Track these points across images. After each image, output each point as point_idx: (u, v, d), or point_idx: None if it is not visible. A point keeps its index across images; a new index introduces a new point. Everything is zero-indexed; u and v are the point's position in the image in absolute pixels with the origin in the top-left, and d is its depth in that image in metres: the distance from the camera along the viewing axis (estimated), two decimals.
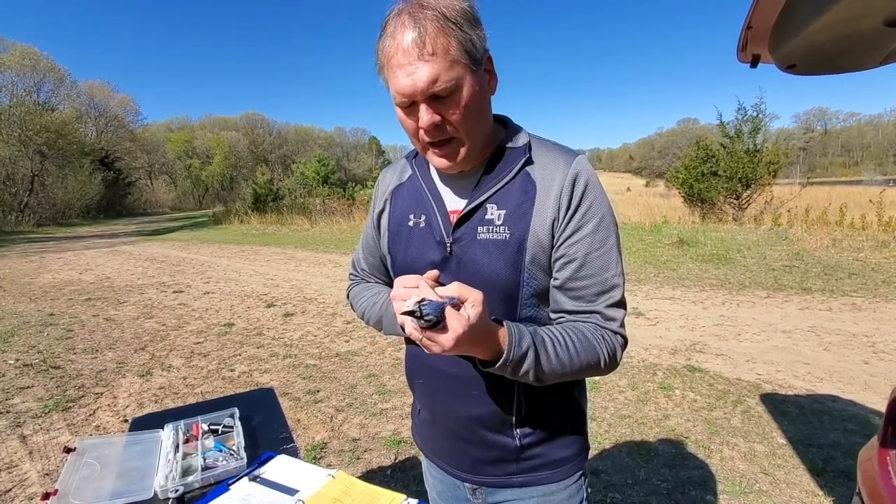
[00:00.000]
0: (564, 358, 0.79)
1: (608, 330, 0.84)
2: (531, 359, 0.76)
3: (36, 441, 2.99)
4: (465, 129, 0.80)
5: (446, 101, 0.76)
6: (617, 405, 3.27)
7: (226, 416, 1.32)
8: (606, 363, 0.83)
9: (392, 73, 0.76)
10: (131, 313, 6.09)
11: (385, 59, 0.77)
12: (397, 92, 0.77)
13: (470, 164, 0.87)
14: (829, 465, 2.52)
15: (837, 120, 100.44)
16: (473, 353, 0.73)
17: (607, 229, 0.84)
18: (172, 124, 63.15)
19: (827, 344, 4.23)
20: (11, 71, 28.37)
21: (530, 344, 0.76)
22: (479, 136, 0.83)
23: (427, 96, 0.75)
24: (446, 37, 0.73)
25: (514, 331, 0.76)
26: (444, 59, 0.73)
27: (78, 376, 4.02)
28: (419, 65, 0.73)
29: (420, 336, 0.69)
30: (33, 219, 23.78)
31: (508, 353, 0.74)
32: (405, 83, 0.74)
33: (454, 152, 0.82)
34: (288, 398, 3.53)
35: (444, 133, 0.80)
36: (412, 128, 0.81)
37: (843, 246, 8.26)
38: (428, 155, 0.85)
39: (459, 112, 0.77)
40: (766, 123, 12.98)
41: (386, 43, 0.76)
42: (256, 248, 12.30)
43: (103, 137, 37.23)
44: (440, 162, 0.84)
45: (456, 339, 0.66)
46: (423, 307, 0.65)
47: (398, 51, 0.74)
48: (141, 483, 1.06)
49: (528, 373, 0.77)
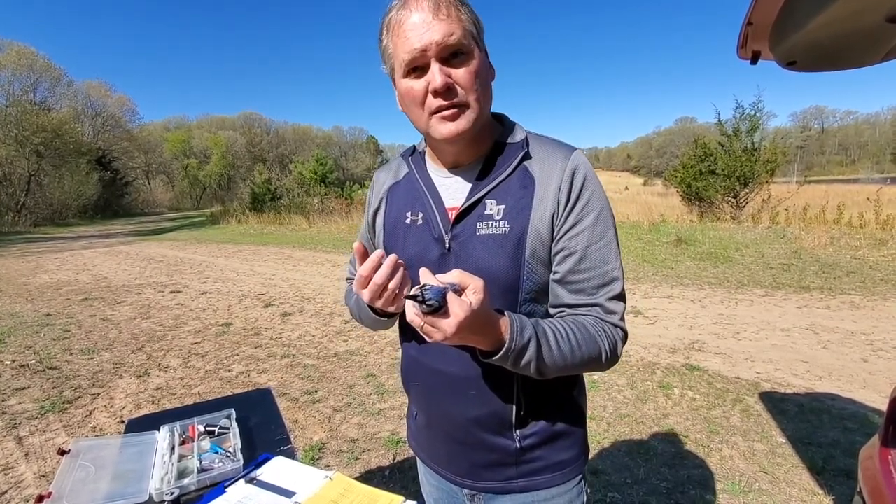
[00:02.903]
0: (566, 350, 0.78)
1: (608, 323, 0.83)
2: (533, 349, 0.75)
3: (32, 442, 2.97)
4: (475, 96, 0.80)
5: (457, 63, 0.78)
6: (616, 404, 3.27)
7: (222, 417, 1.31)
8: (607, 357, 0.83)
9: (402, 37, 0.76)
10: (128, 313, 6.07)
11: (394, 28, 0.78)
12: (407, 51, 0.76)
13: (468, 149, 0.87)
14: (828, 463, 2.52)
15: (835, 118, 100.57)
16: (474, 342, 0.72)
17: (606, 222, 0.84)
18: (170, 124, 62.94)
19: (825, 342, 4.23)
20: (8, 71, 28.28)
21: (532, 334, 0.76)
22: (486, 110, 0.83)
23: (441, 52, 0.76)
24: (458, 9, 0.77)
25: (516, 321, 0.75)
26: (458, 23, 0.76)
27: (74, 377, 4.00)
28: (435, 22, 0.74)
29: (421, 322, 0.68)
30: (30, 219, 23.72)
31: (511, 343, 0.73)
32: (419, 38, 0.75)
33: (462, 117, 0.80)
34: (286, 398, 3.52)
35: (455, 95, 0.79)
36: (420, 94, 0.79)
37: (840, 244, 8.27)
38: (434, 122, 0.82)
39: (471, 76, 0.78)
40: (763, 122, 13.01)
41: (394, 14, 0.78)
42: (254, 248, 12.27)
43: (100, 137, 37.08)
44: (448, 127, 0.81)
45: (458, 324, 0.65)
46: (425, 292, 0.64)
47: (411, 15, 0.75)
48: (136, 485, 1.05)
49: (529, 364, 0.76)
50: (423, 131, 0.86)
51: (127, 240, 16.39)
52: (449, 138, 0.82)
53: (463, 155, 0.89)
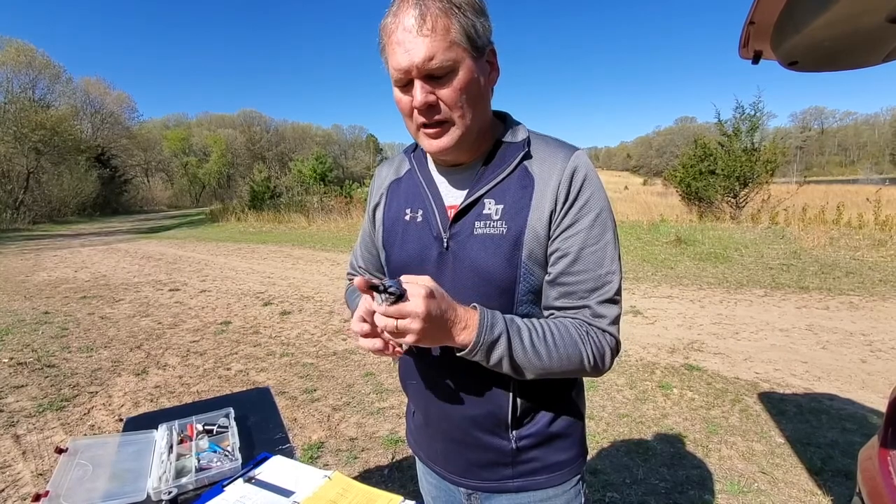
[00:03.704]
0: (541, 349, 0.77)
1: (596, 327, 0.81)
2: (503, 345, 0.75)
3: (29, 441, 2.96)
4: (460, 113, 0.78)
5: (442, 81, 0.76)
6: (615, 404, 3.27)
7: (221, 416, 1.31)
8: (591, 363, 0.80)
9: (392, 49, 0.76)
10: (127, 311, 6.06)
11: (386, 37, 0.77)
12: (394, 68, 0.77)
13: (464, 152, 0.86)
14: (827, 464, 2.52)
15: (834, 119, 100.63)
16: (445, 335, 0.73)
17: (604, 224, 0.82)
18: (169, 121, 62.73)
19: (824, 342, 4.24)
20: (7, 68, 28.13)
21: (503, 330, 0.76)
22: (474, 124, 0.81)
23: (423, 73, 0.75)
24: (448, 18, 0.74)
25: (488, 315, 0.76)
26: (444, 38, 0.74)
27: (72, 375, 3.99)
28: (418, 40, 0.73)
29: (394, 322, 0.69)
30: (29, 216, 23.64)
31: (479, 337, 0.74)
32: (402, 58, 0.74)
33: (446, 135, 0.80)
34: (285, 397, 3.51)
35: (438, 113, 0.78)
36: (407, 107, 0.80)
37: (840, 244, 8.29)
38: (420, 136, 0.83)
39: (455, 94, 0.77)
40: (763, 122, 13.03)
41: (388, 21, 0.77)
42: (253, 246, 12.26)
43: (99, 134, 36.97)
44: (431, 144, 0.82)
45: (424, 303, 0.67)
46: (384, 282, 0.68)
47: (399, 27, 0.74)
48: (134, 484, 1.04)
49: (501, 361, 0.76)
50: (415, 140, 0.88)
51: (126, 238, 16.37)
52: (433, 153, 0.83)
53: (461, 158, 0.89)
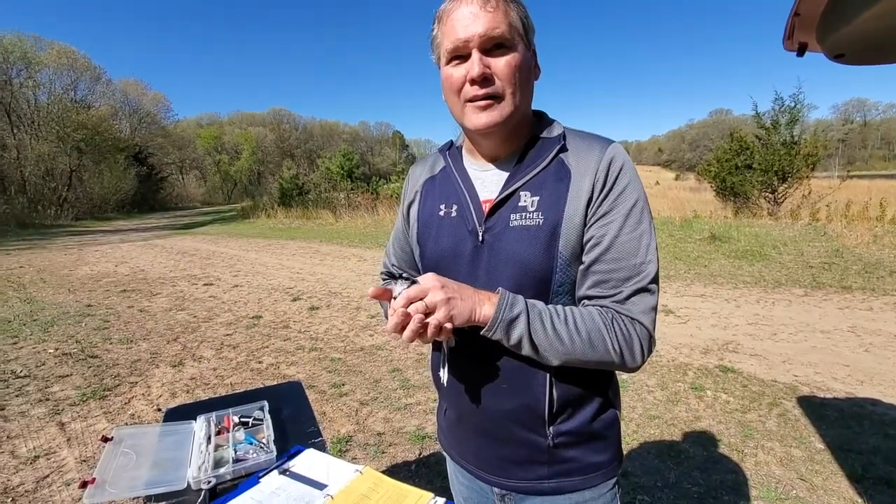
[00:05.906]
0: (563, 332, 0.78)
1: (624, 315, 0.79)
2: (523, 324, 0.77)
3: (74, 428, 3.10)
4: (511, 90, 0.81)
5: (498, 54, 0.80)
6: (646, 405, 3.21)
7: (256, 408, 1.34)
8: (617, 352, 0.78)
9: (451, 25, 0.80)
10: (164, 305, 6.27)
11: (444, 15, 0.82)
12: (453, 40, 0.80)
13: (503, 141, 0.88)
14: (868, 471, 2.42)
15: (877, 111, 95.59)
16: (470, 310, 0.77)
17: (640, 213, 0.81)
18: (202, 120, 64.41)
19: (868, 345, 4.06)
20: (49, 69, 29.39)
21: (522, 309, 0.78)
22: (521, 105, 0.84)
23: (483, 43, 0.78)
24: (507, 4, 0.80)
25: (508, 296, 0.78)
26: (505, 17, 0.79)
27: (114, 366, 4.16)
28: (482, 13, 0.78)
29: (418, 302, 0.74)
30: (72, 213, 24.68)
31: (498, 313, 0.76)
32: (463, 30, 0.78)
33: (496, 109, 0.82)
34: (314, 391, 3.58)
35: (491, 86, 0.80)
36: (459, 82, 0.82)
37: (884, 242, 7.90)
38: (467, 112, 0.84)
39: (510, 70, 0.80)
40: (804, 114, 12.48)
41: (448, 4, 0.82)
42: (283, 242, 12.51)
43: (137, 133, 38.30)
44: (479, 117, 0.82)
45: (436, 277, 0.77)
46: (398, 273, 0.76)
47: (462, 6, 0.79)
48: (175, 473, 1.08)
49: (521, 340, 0.78)
50: (459, 121, 0.88)
51: (162, 233, 16.92)
52: (480, 129, 0.83)
53: (500, 149, 0.90)
